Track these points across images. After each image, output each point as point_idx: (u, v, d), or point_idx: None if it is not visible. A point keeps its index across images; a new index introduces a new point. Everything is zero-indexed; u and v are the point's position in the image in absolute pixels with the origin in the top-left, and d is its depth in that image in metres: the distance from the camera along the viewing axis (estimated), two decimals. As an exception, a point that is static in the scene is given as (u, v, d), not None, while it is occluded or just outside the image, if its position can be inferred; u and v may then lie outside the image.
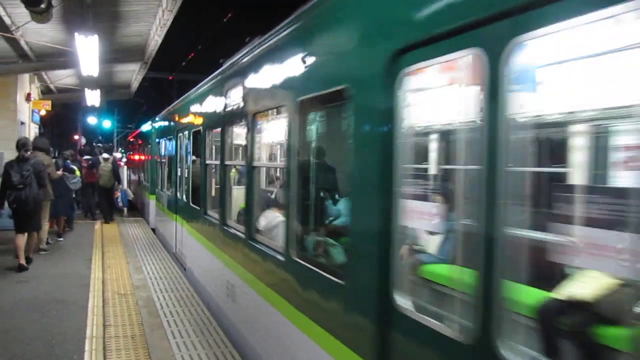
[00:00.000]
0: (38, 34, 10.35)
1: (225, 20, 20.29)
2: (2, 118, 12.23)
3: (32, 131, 14.99)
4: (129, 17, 10.30)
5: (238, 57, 5.91)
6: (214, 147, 7.54)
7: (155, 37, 11.43)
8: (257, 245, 4.90)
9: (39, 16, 7.61)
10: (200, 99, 7.98)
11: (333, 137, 3.84)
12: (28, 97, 13.90)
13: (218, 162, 6.73)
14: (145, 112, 47.89)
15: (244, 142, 5.77)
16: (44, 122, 19.70)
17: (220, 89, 6.72)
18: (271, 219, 5.16)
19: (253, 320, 5.07)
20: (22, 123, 13.29)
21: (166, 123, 12.52)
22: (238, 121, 5.91)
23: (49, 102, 15.86)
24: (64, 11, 9.02)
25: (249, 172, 5.20)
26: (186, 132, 9.49)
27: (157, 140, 14.79)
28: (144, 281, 8.58)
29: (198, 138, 8.41)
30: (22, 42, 10.66)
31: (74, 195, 13.43)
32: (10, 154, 12.00)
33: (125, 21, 10.52)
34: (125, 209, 18.19)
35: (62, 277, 8.69)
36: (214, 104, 6.99)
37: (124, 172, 20.16)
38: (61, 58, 12.27)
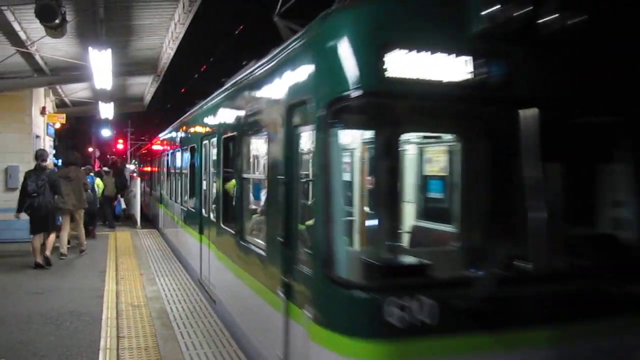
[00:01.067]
0: (53, 48, 10.49)
1: (237, 32, 20.53)
2: (17, 131, 12.35)
3: (47, 144, 15.12)
4: (142, 31, 10.41)
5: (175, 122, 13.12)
6: (174, 163, 12.69)
7: (168, 50, 11.54)
8: (182, 207, 10.78)
9: (53, 31, 7.70)
10: (165, 141, 14.92)
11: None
12: (43, 111, 14.05)
13: (173, 172, 12.62)
14: (158, 124, 48.38)
15: (178, 163, 11.87)
16: (59, 136, 19.92)
17: (168, 139, 14.11)
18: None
19: (182, 241, 10.96)
20: (37, 136, 13.42)
21: (155, 148, 18.47)
22: (176, 151, 12.17)
23: (64, 116, 16.03)
24: (78, 26, 9.14)
25: (181, 176, 11.27)
26: (163, 155, 15.45)
27: (150, 159, 20.57)
28: (158, 293, 8.60)
29: (167, 158, 14.18)
30: (37, 57, 10.79)
31: (98, 205, 15.59)
32: (25, 167, 12.17)
33: (138, 35, 10.63)
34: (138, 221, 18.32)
35: (76, 290, 8.76)
36: (172, 141, 13.11)
37: (137, 183, 20.31)
38: (75, 72, 12.40)
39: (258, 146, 6.11)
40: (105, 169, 19.52)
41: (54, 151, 16.84)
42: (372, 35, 3.32)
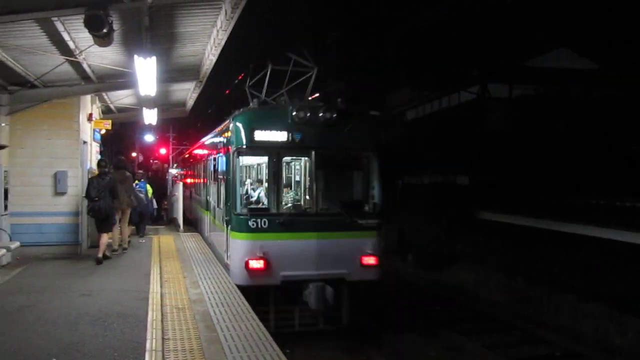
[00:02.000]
0: (99, 56, 10.77)
1: (279, 40, 20.75)
2: (66, 137, 12.73)
3: (93, 150, 15.54)
4: (185, 38, 10.59)
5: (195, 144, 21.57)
6: (195, 170, 19.21)
7: (210, 57, 11.70)
8: (200, 197, 16.66)
9: (101, 40, 7.92)
10: (190, 156, 22.42)
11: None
12: (90, 117, 14.42)
13: (194, 175, 19.30)
14: (199, 128, 49.03)
15: (197, 171, 18.34)
16: (104, 141, 20.42)
17: (192, 155, 22.15)
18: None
19: (200, 219, 16.62)
20: (85, 142, 13.80)
21: (187, 158, 25.31)
22: (196, 163, 18.89)
23: (109, 122, 16.43)
24: (123, 34, 9.36)
25: (199, 178, 16.91)
26: (189, 164, 22.15)
27: (184, 166, 27.22)
28: (201, 295, 8.73)
29: (191, 167, 21.19)
30: (85, 65, 11.10)
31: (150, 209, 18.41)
32: (74, 172, 12.58)
33: (181, 42, 10.82)
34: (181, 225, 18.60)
35: (122, 291, 8.95)
36: (194, 157, 19.95)
37: (180, 187, 20.69)
38: (121, 79, 12.71)
39: (223, 162, 11.21)
40: (140, 172, 22.13)
41: (99, 156, 17.27)
42: (247, 124, 9.82)
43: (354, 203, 10.37)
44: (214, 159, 12.63)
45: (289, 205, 10.99)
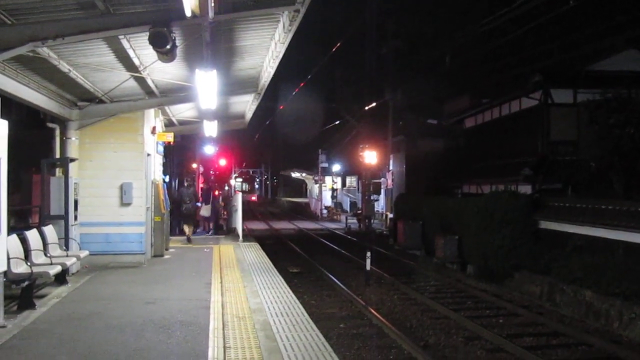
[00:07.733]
0: (162, 71, 11.14)
1: (334, 50, 20.85)
2: (131, 150, 13.19)
3: (157, 162, 16.02)
4: (244, 52, 10.83)
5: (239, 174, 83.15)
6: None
7: (268, 69, 11.90)
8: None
9: (164, 56, 8.17)
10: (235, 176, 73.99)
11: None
12: (153, 130, 14.88)
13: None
14: (256, 142, 49.85)
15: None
16: (165, 153, 21.02)
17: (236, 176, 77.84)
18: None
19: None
20: (149, 154, 14.23)
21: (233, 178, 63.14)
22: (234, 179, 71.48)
23: (172, 134, 16.91)
24: (185, 50, 9.65)
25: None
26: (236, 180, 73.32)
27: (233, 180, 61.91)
28: (261, 305, 8.82)
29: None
30: (149, 80, 11.51)
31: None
32: (138, 184, 13.00)
33: (241, 55, 11.07)
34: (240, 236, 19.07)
35: (185, 300, 9.15)
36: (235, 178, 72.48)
37: (239, 198, 21.06)
38: (182, 93, 13.12)
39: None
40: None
41: (161, 168, 17.78)
42: (234, 177, 68.16)
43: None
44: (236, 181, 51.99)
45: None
